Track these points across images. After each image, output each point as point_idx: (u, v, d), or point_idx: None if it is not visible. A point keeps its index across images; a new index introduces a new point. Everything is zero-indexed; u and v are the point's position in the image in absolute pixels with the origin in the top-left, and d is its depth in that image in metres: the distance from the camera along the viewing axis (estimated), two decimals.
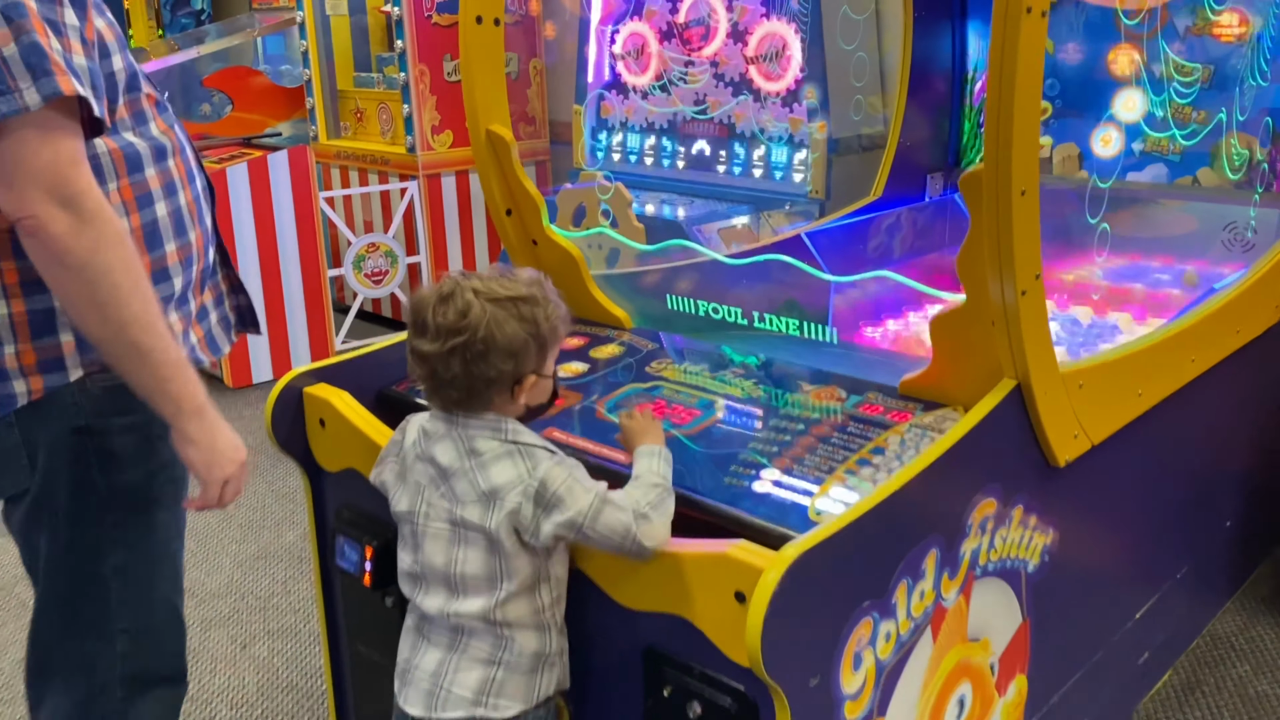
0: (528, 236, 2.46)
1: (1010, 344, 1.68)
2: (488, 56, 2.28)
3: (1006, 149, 1.53)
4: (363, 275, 5.19)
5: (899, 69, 3.58)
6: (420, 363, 1.63)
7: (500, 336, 1.57)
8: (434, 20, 5.10)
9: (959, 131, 3.72)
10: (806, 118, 4.15)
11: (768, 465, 1.77)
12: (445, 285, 1.62)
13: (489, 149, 2.34)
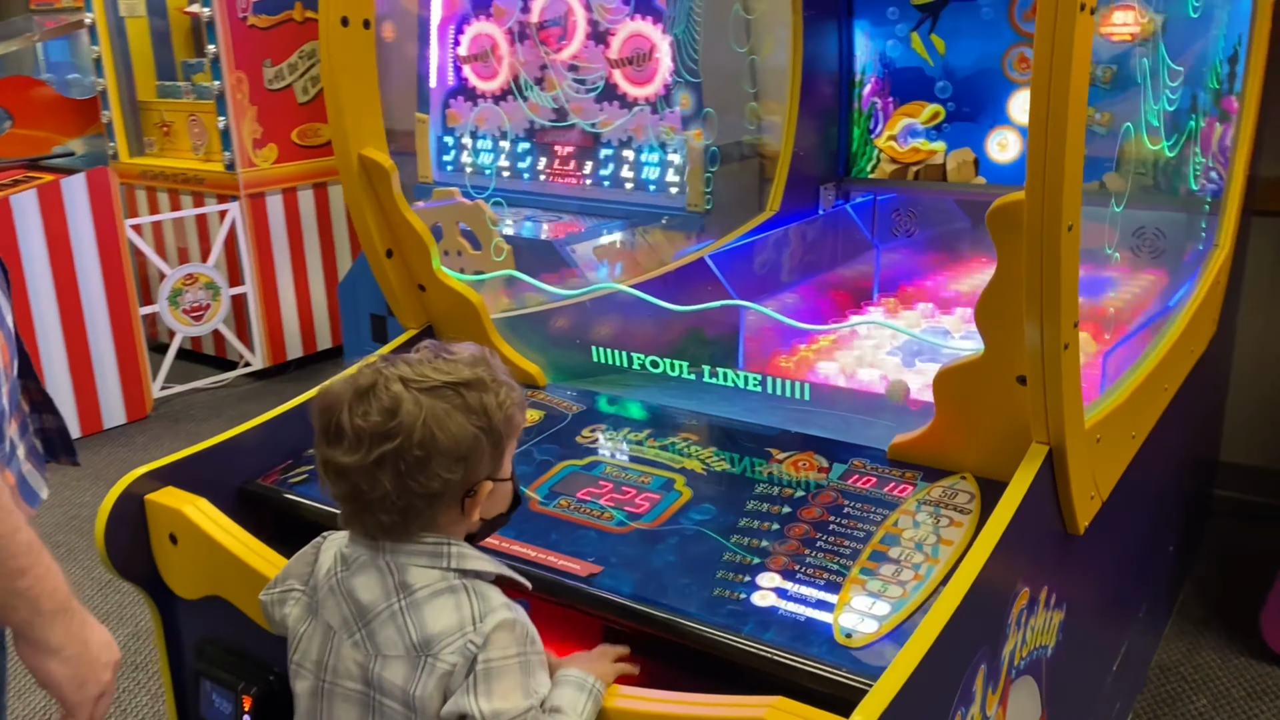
0: (412, 281, 2.05)
1: (1046, 404, 1.41)
2: (357, 66, 1.86)
3: (1056, 175, 1.25)
4: (180, 311, 4.57)
5: (788, 73, 3.31)
6: (337, 479, 1.23)
7: (443, 437, 1.20)
8: (250, 22, 4.53)
9: (848, 139, 3.49)
10: (681, 125, 3.85)
11: (762, 567, 1.44)
12: (363, 376, 1.24)
13: (362, 178, 1.92)
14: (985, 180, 3.28)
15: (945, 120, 3.30)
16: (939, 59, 3.26)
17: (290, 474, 1.82)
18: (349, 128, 1.87)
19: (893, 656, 1.25)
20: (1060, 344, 1.35)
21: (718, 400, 1.98)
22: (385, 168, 1.90)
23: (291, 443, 1.88)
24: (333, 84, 1.84)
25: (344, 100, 1.85)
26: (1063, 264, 1.30)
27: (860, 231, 3.45)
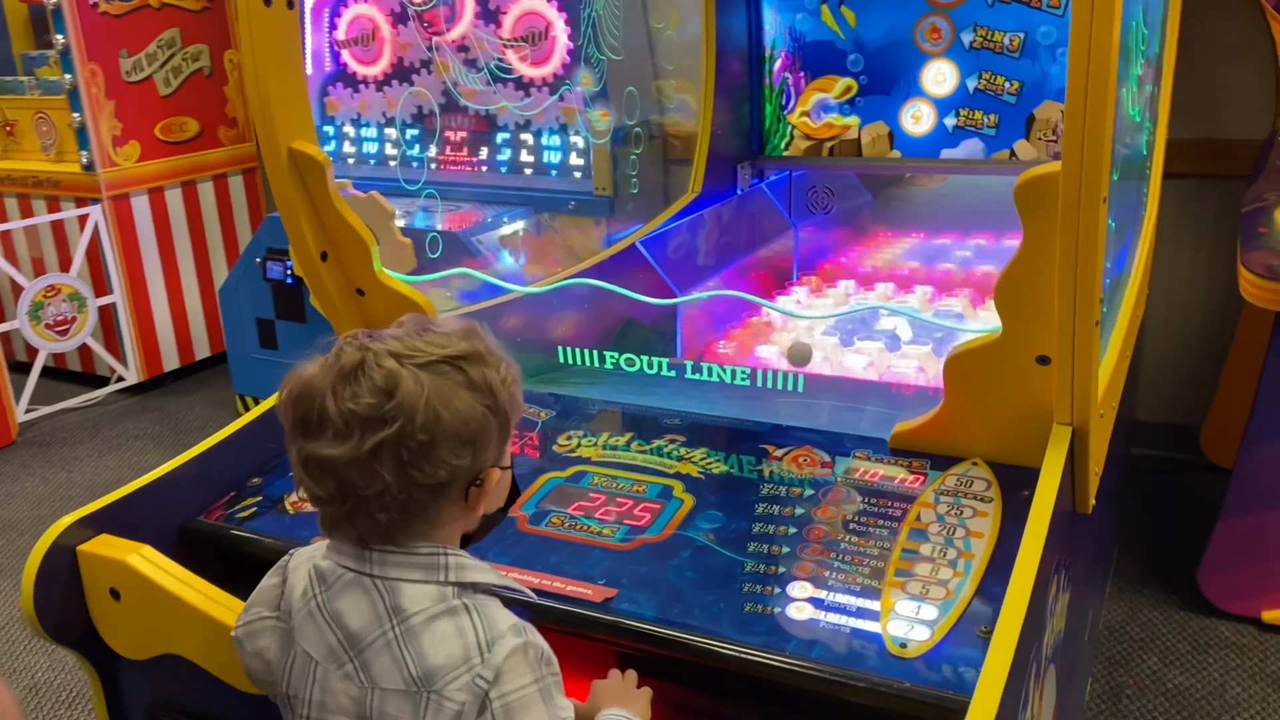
0: (349, 285, 1.87)
1: (1074, 384, 1.35)
2: (282, 50, 1.67)
3: (1096, 145, 1.17)
4: (42, 327, 4.19)
5: (698, 50, 3.21)
6: (322, 476, 1.05)
7: (449, 417, 1.04)
8: (102, 8, 4.16)
9: (761, 116, 3.42)
10: (582, 106, 3.71)
11: (789, 576, 1.35)
12: (345, 355, 1.06)
13: (292, 175, 1.73)
14: (900, 154, 3.26)
15: (858, 94, 3.26)
16: (850, 32, 3.22)
17: (236, 508, 1.64)
18: (276, 119, 1.67)
19: (955, 663, 1.18)
20: (1092, 321, 1.29)
21: (692, 395, 1.87)
22: (319, 162, 1.71)
23: (231, 473, 1.70)
24: (257, 70, 1.64)
25: (270, 88, 1.65)
26: (1100, 238, 1.23)
27: (778, 210, 3.39)
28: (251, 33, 1.62)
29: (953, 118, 3.16)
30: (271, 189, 1.75)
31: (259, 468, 1.73)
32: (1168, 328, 3.38)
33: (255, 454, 1.73)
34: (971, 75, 3.09)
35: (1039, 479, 1.34)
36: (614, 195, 3.75)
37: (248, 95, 1.67)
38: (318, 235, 1.78)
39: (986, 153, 3.15)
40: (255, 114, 1.68)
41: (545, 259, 3.90)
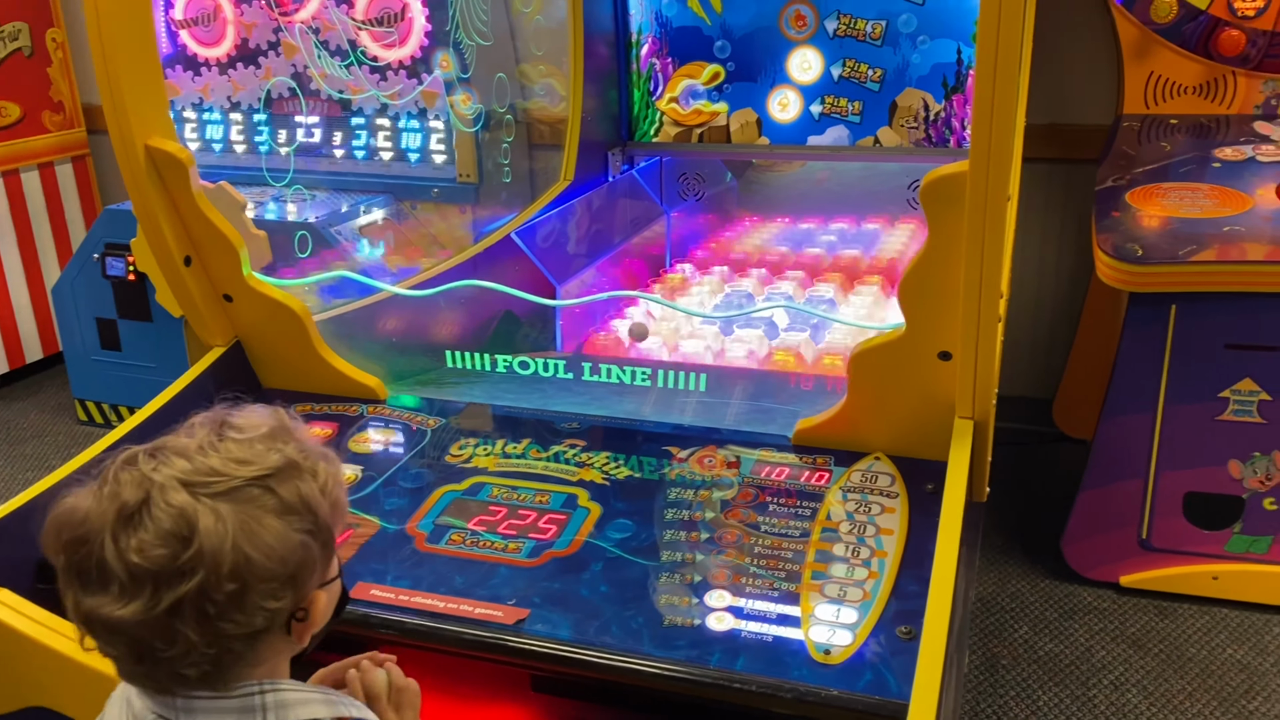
0: (216, 291, 1.74)
1: (976, 379, 1.37)
2: (135, 35, 1.53)
3: (1004, 143, 1.18)
4: None
5: (565, 34, 3.14)
6: (110, 637, 0.87)
7: (261, 558, 0.86)
8: None
9: (629, 102, 3.38)
10: (444, 90, 3.59)
11: (706, 585, 1.32)
12: (124, 487, 0.86)
13: (150, 173, 1.59)
14: (769, 141, 3.28)
15: (726, 80, 3.26)
16: (716, 18, 3.21)
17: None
18: (131, 112, 1.53)
19: (880, 668, 1.18)
20: (996, 316, 1.31)
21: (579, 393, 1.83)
22: (180, 160, 1.58)
23: None
24: (107, 58, 1.50)
25: (123, 78, 1.51)
26: (1007, 236, 1.25)
27: (650, 197, 3.36)
28: (100, 15, 1.47)
29: (819, 105, 3.19)
30: (128, 190, 1.61)
31: None
32: (1020, 306, 3.52)
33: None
34: (836, 63, 3.13)
35: (947, 475, 1.35)
36: (479, 182, 3.66)
37: (100, 87, 1.52)
38: (180, 239, 1.65)
39: (852, 139, 3.20)
40: (107, 107, 1.54)
41: (407, 248, 3.78)
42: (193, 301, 1.70)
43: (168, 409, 1.65)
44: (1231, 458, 2.52)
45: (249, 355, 1.81)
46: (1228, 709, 2.30)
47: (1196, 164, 2.73)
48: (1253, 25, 2.80)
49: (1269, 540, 2.57)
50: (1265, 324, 2.40)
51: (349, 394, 1.78)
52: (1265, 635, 2.54)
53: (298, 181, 3.84)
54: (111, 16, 1.47)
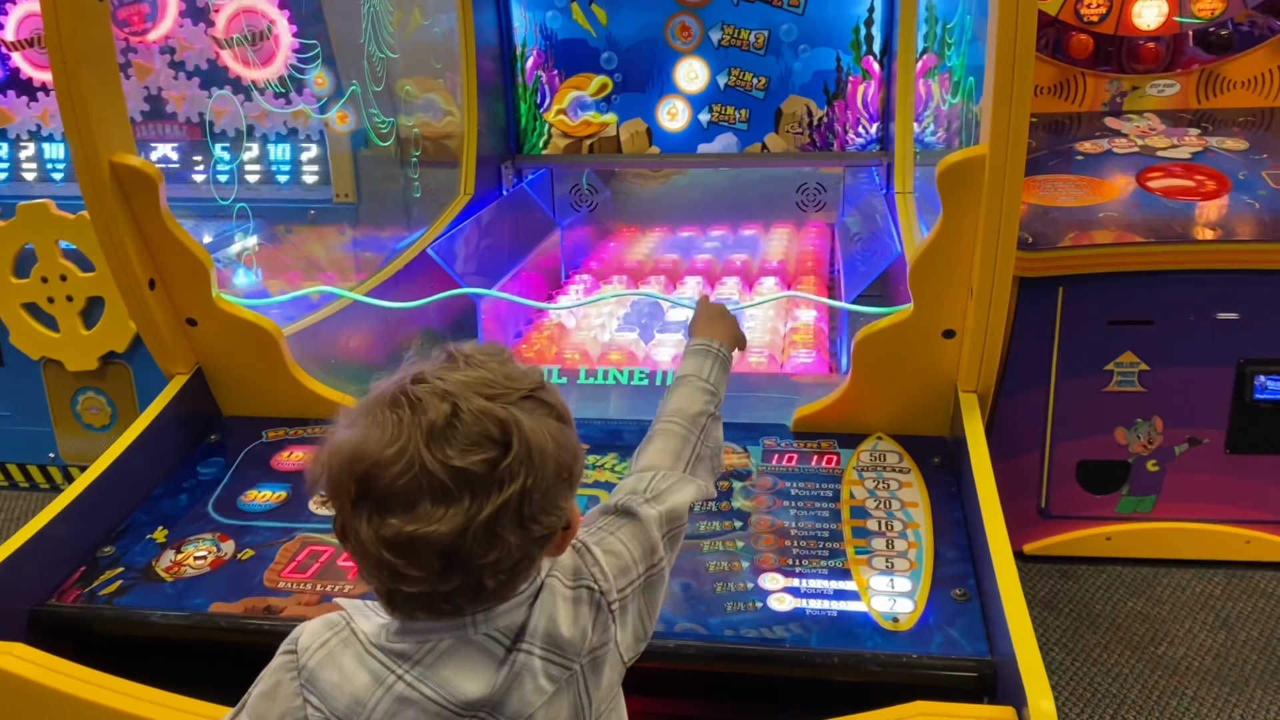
0: (179, 316, 1.64)
1: (984, 354, 1.45)
2: (97, 51, 1.43)
3: (1021, 125, 1.27)
4: None
5: (459, 48, 3.11)
6: (421, 555, 0.85)
7: (563, 457, 0.90)
8: None
9: (516, 115, 3.37)
10: (317, 109, 3.47)
11: (756, 569, 1.35)
12: (428, 404, 0.86)
13: (115, 192, 1.49)
14: (660, 150, 3.34)
15: (614, 91, 3.30)
16: (602, 30, 3.25)
17: (95, 584, 1.39)
18: (96, 128, 1.43)
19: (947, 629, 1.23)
20: (1006, 293, 1.39)
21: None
22: (149, 177, 1.49)
23: (74, 546, 1.44)
24: (70, 76, 1.39)
25: (88, 95, 1.41)
26: (1017, 213, 1.33)
27: (541, 209, 3.36)
28: (60, 30, 1.37)
29: (707, 113, 3.28)
30: (89, 210, 1.49)
31: (103, 537, 1.48)
32: None
33: (94, 522, 1.48)
34: (721, 72, 3.23)
35: (969, 444, 1.43)
36: (359, 201, 3.55)
37: (60, 104, 1.41)
38: (144, 261, 1.55)
39: (740, 146, 3.30)
40: (69, 124, 1.43)
41: (285, 272, 3.63)
42: (156, 327, 1.60)
43: (136, 447, 1.54)
44: (1118, 425, 2.72)
45: (210, 382, 1.71)
46: (1139, 656, 2.49)
47: (1061, 157, 2.95)
48: (1098, 30, 3.05)
49: (1153, 499, 2.79)
50: (1141, 300, 2.61)
51: (322, 416, 1.71)
52: (1157, 586, 2.77)
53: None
54: (74, 31, 1.38)
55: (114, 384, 3.26)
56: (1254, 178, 2.69)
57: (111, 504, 1.48)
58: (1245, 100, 3.13)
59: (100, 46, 1.42)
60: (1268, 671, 2.36)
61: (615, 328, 2.84)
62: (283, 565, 1.39)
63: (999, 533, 1.26)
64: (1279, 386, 2.61)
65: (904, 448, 1.57)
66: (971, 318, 1.42)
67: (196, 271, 1.57)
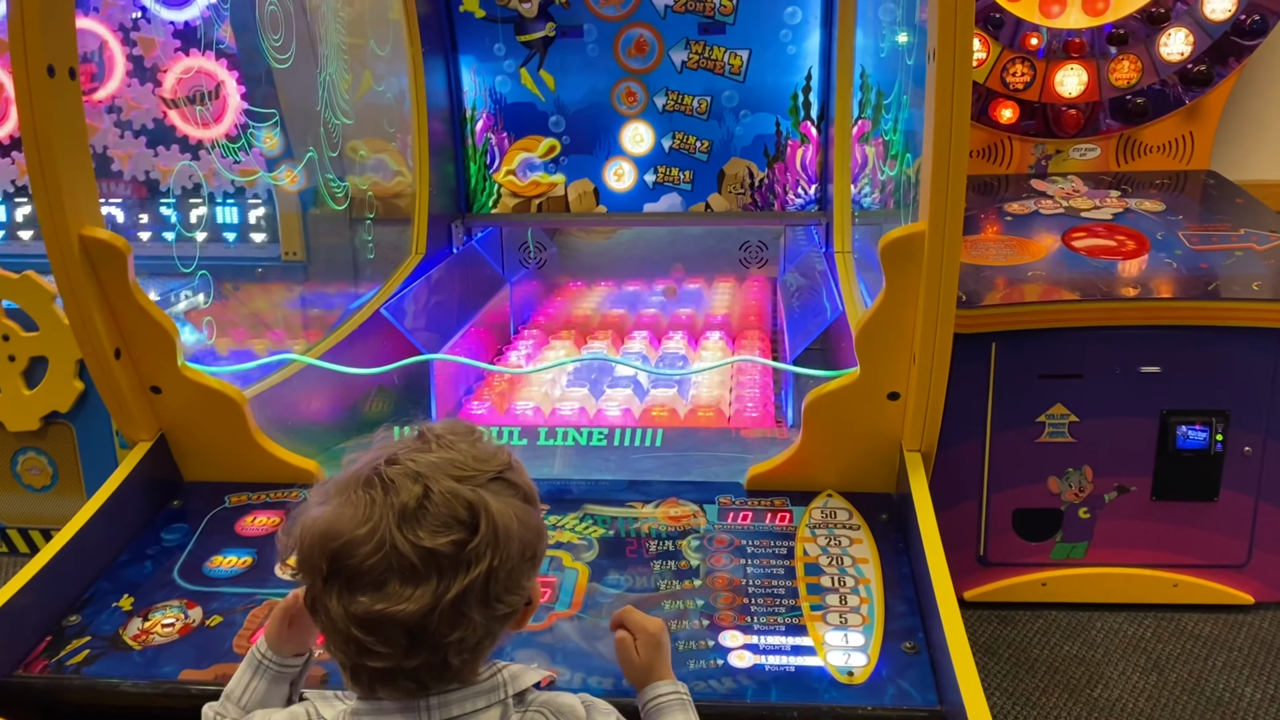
0: (144, 384, 1.67)
1: (927, 415, 1.54)
2: (67, 125, 1.47)
3: (958, 203, 1.36)
4: None
5: (411, 111, 3.17)
6: (388, 633, 0.90)
7: (527, 536, 0.96)
8: None
9: (466, 175, 3.43)
10: (266, 168, 3.50)
11: (716, 628, 1.40)
12: (400, 485, 0.91)
13: (84, 265, 1.52)
14: (607, 209, 3.42)
15: (562, 153, 3.38)
16: (550, 94, 3.34)
17: (62, 654, 1.40)
18: (66, 203, 1.47)
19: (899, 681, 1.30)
20: (947, 358, 1.48)
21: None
22: (118, 249, 1.52)
23: (40, 616, 1.45)
24: (42, 150, 1.43)
25: (60, 169, 1.44)
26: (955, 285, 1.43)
27: (491, 267, 3.42)
28: (33, 106, 1.41)
29: (652, 174, 3.38)
30: (58, 282, 1.52)
31: (68, 606, 1.49)
32: None
33: (59, 592, 1.49)
34: (666, 135, 3.33)
35: (914, 502, 1.51)
36: (307, 260, 3.58)
37: (30, 178, 1.44)
38: (111, 331, 1.58)
39: (684, 206, 3.40)
40: (39, 198, 1.46)
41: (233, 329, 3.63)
42: (121, 395, 1.62)
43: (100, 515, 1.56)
44: (1050, 475, 2.82)
45: (172, 448, 1.73)
46: (1076, 699, 2.57)
47: (989, 217, 3.09)
48: (1023, 96, 3.22)
49: (1085, 545, 2.89)
50: (1070, 355, 2.72)
51: (284, 480, 1.74)
52: (1091, 630, 2.87)
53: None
54: (46, 108, 1.41)
55: (56, 444, 3.23)
56: (1171, 238, 2.84)
57: (76, 573, 1.49)
58: (1161, 164, 3.31)
59: (73, 122, 1.46)
60: (1197, 711, 2.46)
61: (565, 383, 2.89)
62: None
63: (945, 587, 1.33)
64: (1200, 436, 2.73)
65: (853, 504, 1.65)
66: (914, 381, 1.50)
67: (161, 340, 1.60)
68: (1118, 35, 3.14)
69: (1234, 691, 2.53)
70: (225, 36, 3.47)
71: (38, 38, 1.37)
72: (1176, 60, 3.14)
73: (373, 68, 3.33)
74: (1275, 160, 3.40)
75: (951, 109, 1.31)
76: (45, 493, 3.24)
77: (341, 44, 3.09)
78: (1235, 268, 2.70)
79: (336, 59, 3.03)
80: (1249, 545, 2.82)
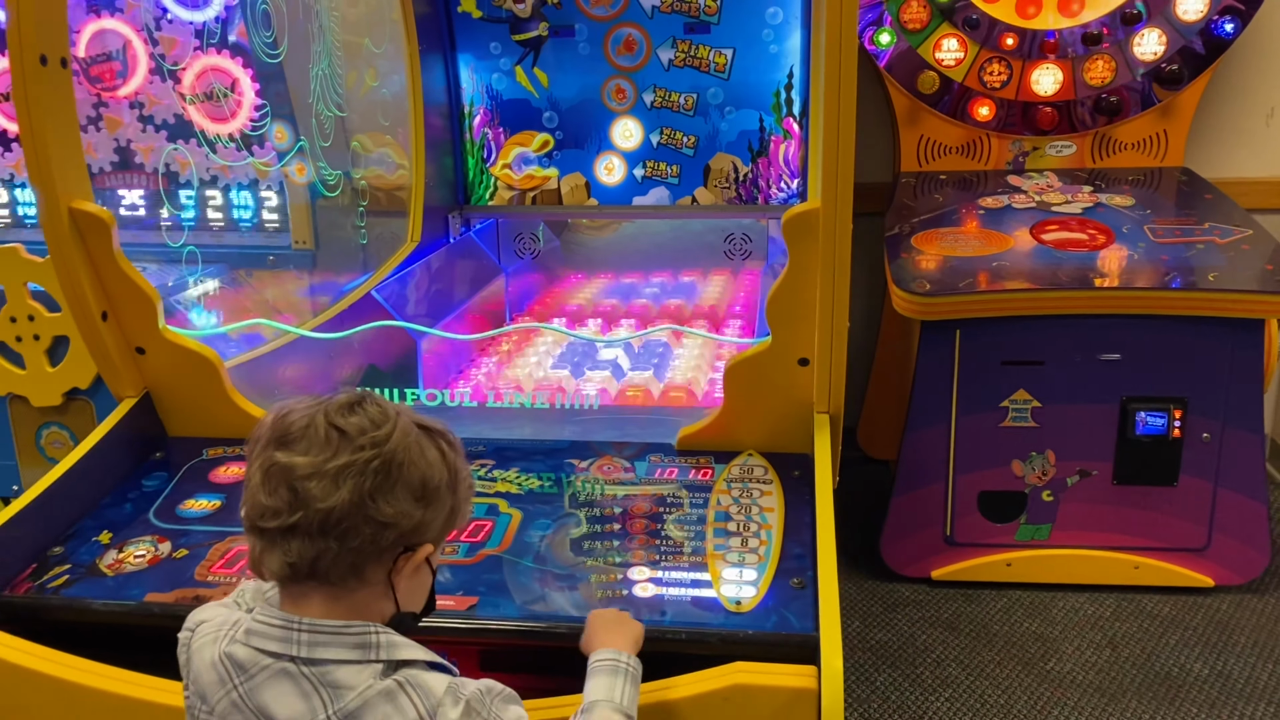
0: (129, 345, 1.84)
1: (831, 379, 1.67)
2: (59, 110, 1.65)
3: (847, 182, 1.50)
4: None
5: (405, 107, 3.34)
6: (278, 486, 1.05)
7: (419, 464, 1.09)
8: None
9: (464, 169, 3.60)
10: (277, 160, 3.70)
11: (628, 564, 1.55)
12: (348, 392, 1.12)
13: (73, 234, 1.70)
14: (598, 202, 3.58)
15: (555, 148, 3.54)
16: (544, 91, 3.50)
17: (45, 578, 1.57)
18: (57, 179, 1.64)
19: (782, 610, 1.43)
20: (845, 326, 1.61)
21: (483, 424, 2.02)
22: (103, 220, 1.70)
23: (26, 546, 1.62)
24: (35, 132, 1.61)
25: (50, 149, 1.62)
26: (848, 258, 1.56)
27: (487, 257, 3.58)
28: (27, 91, 1.59)
29: (641, 169, 3.52)
30: (50, 250, 1.70)
31: (54, 538, 1.67)
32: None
33: (45, 527, 1.67)
34: (654, 131, 3.48)
35: (815, 458, 1.64)
36: (316, 248, 3.76)
37: (26, 158, 1.62)
38: (98, 295, 1.76)
39: (672, 199, 3.54)
40: (33, 175, 1.64)
41: (245, 314, 3.83)
42: (108, 355, 1.79)
43: (85, 461, 1.73)
44: (1014, 458, 2.93)
45: (157, 406, 1.90)
46: (1029, 671, 2.68)
47: (965, 211, 3.20)
48: (1000, 95, 3.32)
49: (1049, 527, 2.99)
50: (1031, 342, 2.82)
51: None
52: (1052, 609, 2.96)
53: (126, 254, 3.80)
54: (39, 93, 1.59)
55: (76, 418, 3.41)
56: (1136, 231, 2.93)
57: (61, 511, 1.67)
58: (1135, 160, 3.39)
59: (64, 106, 1.64)
60: (1144, 684, 2.56)
61: (549, 365, 3.04)
62: (213, 562, 1.58)
63: (828, 533, 1.46)
64: (1158, 422, 2.82)
65: (770, 462, 1.78)
66: (818, 348, 1.64)
67: (145, 305, 1.77)
68: (1092, 35, 3.24)
69: (1183, 668, 2.62)
70: (240, 35, 3.68)
71: (31, 30, 1.55)
72: (1150, 60, 3.23)
73: (374, 65, 3.51)
74: (1248, 158, 3.47)
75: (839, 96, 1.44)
76: None
77: (337, 41, 3.27)
78: (1195, 259, 2.79)
79: (329, 55, 3.20)
80: (1208, 530, 2.91)
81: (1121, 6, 3.21)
